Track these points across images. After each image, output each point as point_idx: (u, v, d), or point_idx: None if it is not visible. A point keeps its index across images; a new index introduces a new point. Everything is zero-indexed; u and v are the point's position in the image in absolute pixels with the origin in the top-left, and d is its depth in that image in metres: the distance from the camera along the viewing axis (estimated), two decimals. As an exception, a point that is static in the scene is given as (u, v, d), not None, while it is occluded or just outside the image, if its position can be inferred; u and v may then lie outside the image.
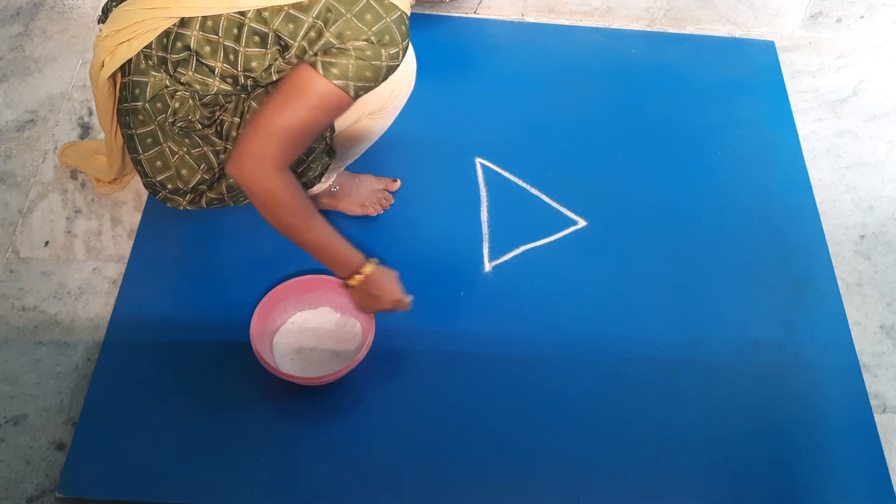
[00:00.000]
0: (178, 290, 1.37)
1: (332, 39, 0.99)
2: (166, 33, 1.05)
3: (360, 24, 0.98)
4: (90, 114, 1.59)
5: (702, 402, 1.32)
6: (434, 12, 1.79)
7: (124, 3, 1.08)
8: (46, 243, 1.42)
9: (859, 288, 1.49)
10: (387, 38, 1.00)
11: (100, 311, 1.35)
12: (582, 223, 1.50)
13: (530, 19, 1.84)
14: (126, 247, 1.42)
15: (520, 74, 1.72)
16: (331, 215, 1.46)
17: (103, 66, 1.10)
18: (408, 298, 1.22)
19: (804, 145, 1.66)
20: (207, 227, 1.44)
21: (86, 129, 1.56)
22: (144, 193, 1.48)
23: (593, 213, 1.51)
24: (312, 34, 1.00)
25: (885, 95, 1.78)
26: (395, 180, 1.50)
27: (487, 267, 1.44)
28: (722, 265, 1.47)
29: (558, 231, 1.48)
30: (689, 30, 1.85)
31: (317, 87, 1.01)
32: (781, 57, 1.81)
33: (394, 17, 1.00)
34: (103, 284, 1.38)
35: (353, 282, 1.18)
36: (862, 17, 1.82)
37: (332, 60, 1.00)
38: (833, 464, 1.27)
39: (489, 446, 1.25)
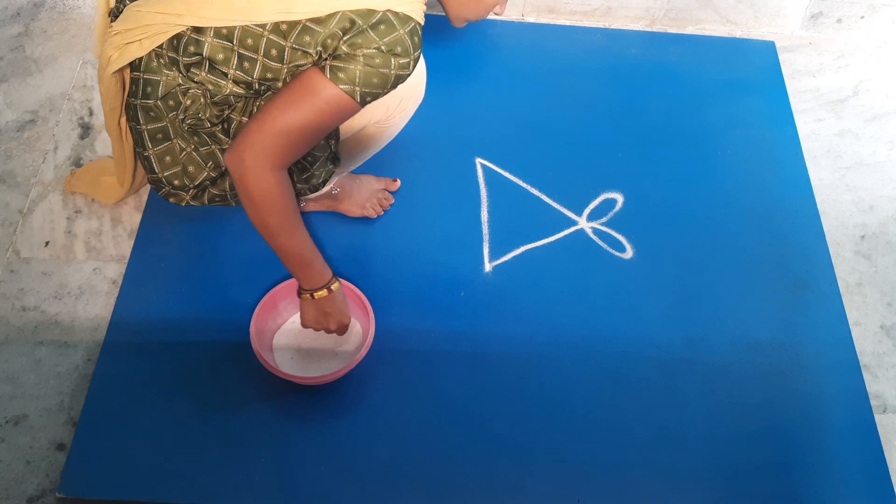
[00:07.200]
0: (178, 290, 1.37)
1: (343, 47, 1.00)
2: (178, 36, 1.05)
3: (373, 34, 0.99)
4: (90, 114, 1.59)
5: (701, 402, 1.32)
6: (433, 12, 1.78)
7: (137, 3, 1.07)
8: (47, 243, 1.42)
9: (859, 288, 1.49)
10: (398, 48, 1.01)
11: (100, 311, 1.35)
12: (582, 223, 1.50)
13: (530, 19, 1.84)
14: (126, 247, 1.42)
15: (520, 74, 1.72)
16: (330, 216, 1.46)
17: (110, 61, 1.09)
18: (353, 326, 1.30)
19: (804, 145, 1.66)
20: (207, 227, 1.44)
21: (86, 129, 1.56)
22: (145, 193, 1.48)
23: (594, 212, 1.51)
24: (329, 41, 1.00)
25: (885, 95, 1.78)
26: (395, 180, 1.50)
27: (487, 267, 1.44)
28: (722, 265, 1.47)
29: (558, 231, 1.48)
30: (689, 30, 1.85)
31: (324, 91, 1.01)
32: (781, 57, 1.81)
33: (408, 28, 1.01)
34: (103, 284, 1.38)
35: (318, 295, 1.20)
36: (862, 17, 1.82)
37: (341, 65, 1.00)
38: (833, 464, 1.27)
39: (489, 446, 1.25)
